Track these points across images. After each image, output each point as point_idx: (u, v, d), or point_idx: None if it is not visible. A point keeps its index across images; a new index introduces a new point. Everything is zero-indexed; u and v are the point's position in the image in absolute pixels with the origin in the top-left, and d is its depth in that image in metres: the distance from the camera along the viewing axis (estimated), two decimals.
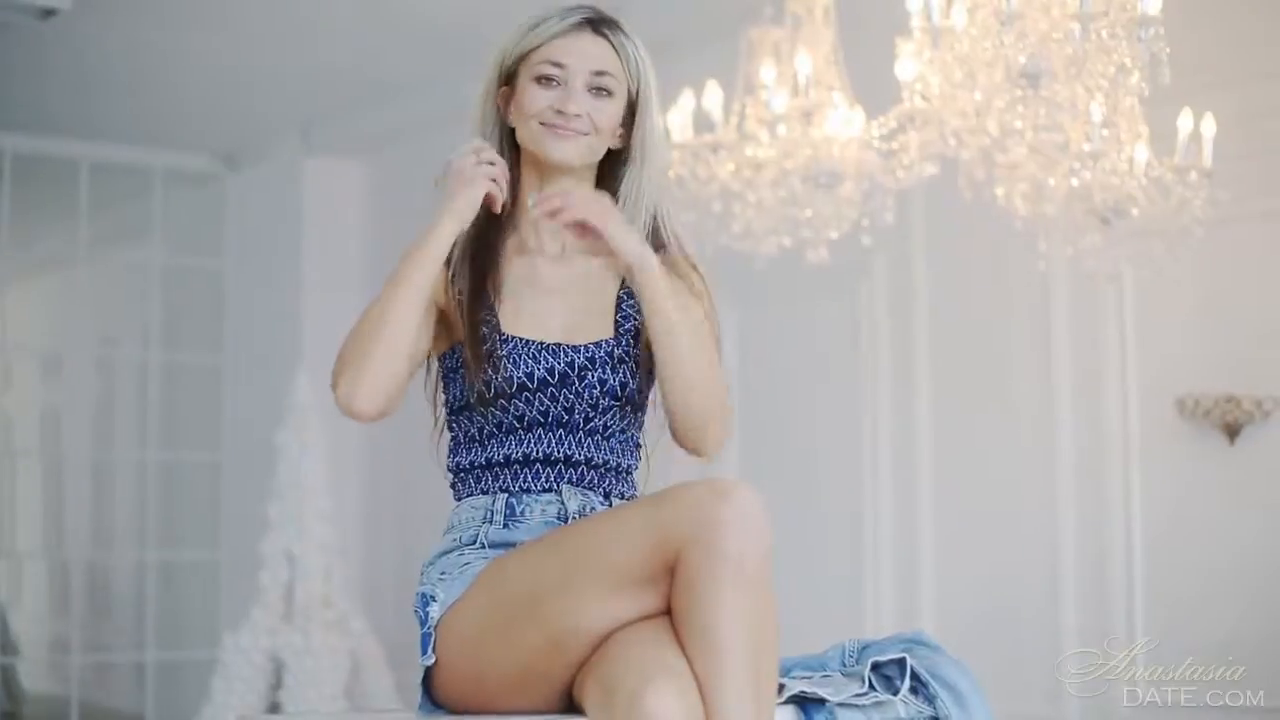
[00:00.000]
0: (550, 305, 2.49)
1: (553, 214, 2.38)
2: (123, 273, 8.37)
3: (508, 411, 2.43)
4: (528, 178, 2.53)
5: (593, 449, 2.47)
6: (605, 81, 2.47)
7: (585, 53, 2.46)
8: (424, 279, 2.39)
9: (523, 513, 2.44)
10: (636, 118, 2.51)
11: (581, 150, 2.47)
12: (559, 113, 2.44)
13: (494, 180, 2.44)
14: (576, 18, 2.47)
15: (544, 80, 2.45)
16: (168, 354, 7.83)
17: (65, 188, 7.43)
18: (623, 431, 2.50)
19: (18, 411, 9.92)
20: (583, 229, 2.38)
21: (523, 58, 2.47)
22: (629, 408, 2.49)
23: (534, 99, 2.45)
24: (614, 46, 2.48)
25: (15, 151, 7.20)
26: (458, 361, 2.47)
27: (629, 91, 2.50)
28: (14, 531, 9.95)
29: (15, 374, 9.63)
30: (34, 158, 7.28)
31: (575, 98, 2.44)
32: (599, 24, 2.48)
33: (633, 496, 2.53)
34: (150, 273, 7.68)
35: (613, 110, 2.48)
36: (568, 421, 2.45)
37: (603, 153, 2.52)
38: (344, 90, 6.75)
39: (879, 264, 5.31)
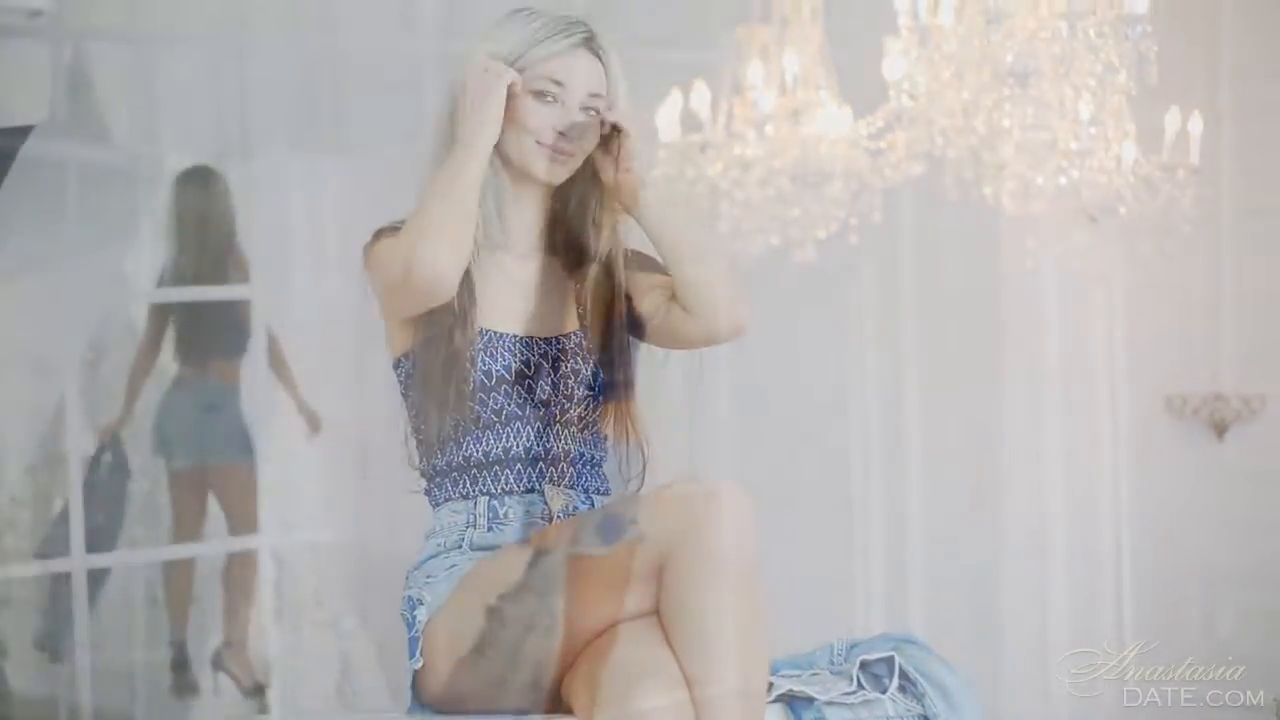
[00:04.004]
0: (519, 300, 2.50)
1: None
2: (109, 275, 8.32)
3: (485, 405, 2.44)
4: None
5: (569, 441, 2.47)
6: (595, 103, 2.45)
7: (583, 72, 2.44)
8: (478, 171, 2.36)
9: (505, 514, 2.43)
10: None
11: (568, 170, 2.48)
12: (561, 135, 2.43)
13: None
14: (577, 37, 2.45)
15: (541, 96, 2.44)
16: None
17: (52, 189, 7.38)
18: (593, 424, 2.51)
19: (6, 413, 9.88)
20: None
21: (522, 69, 2.45)
22: (599, 398, 2.50)
23: (532, 114, 2.42)
24: (604, 67, 2.47)
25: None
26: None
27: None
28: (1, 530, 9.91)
29: (3, 380, 9.59)
30: (20, 158, 7.24)
31: (573, 120, 2.43)
32: (593, 41, 2.47)
33: (608, 492, 2.53)
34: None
35: (596, 129, 2.47)
36: (544, 414, 2.46)
37: None
38: (332, 89, 6.73)
39: (866, 263, 5.30)
